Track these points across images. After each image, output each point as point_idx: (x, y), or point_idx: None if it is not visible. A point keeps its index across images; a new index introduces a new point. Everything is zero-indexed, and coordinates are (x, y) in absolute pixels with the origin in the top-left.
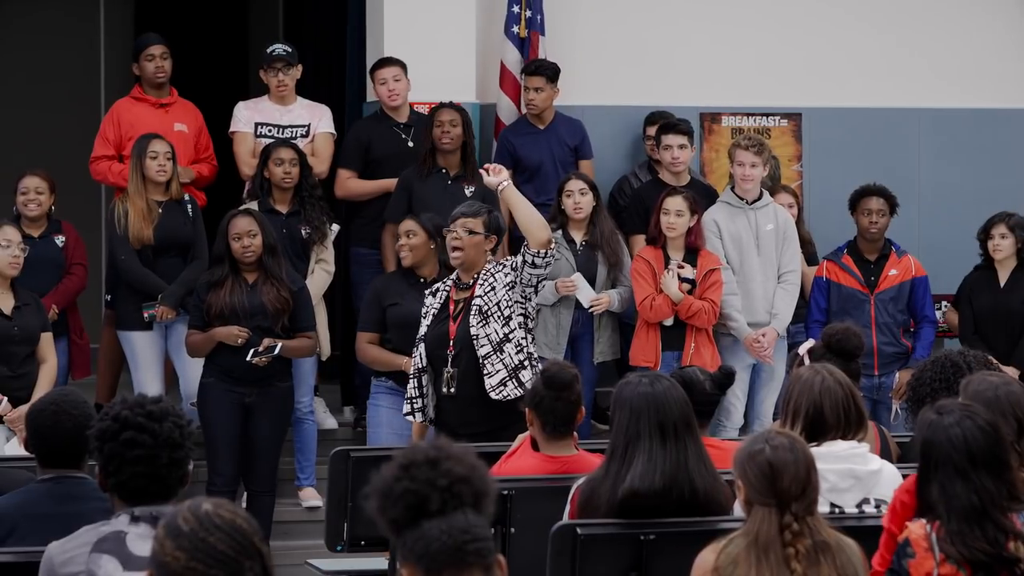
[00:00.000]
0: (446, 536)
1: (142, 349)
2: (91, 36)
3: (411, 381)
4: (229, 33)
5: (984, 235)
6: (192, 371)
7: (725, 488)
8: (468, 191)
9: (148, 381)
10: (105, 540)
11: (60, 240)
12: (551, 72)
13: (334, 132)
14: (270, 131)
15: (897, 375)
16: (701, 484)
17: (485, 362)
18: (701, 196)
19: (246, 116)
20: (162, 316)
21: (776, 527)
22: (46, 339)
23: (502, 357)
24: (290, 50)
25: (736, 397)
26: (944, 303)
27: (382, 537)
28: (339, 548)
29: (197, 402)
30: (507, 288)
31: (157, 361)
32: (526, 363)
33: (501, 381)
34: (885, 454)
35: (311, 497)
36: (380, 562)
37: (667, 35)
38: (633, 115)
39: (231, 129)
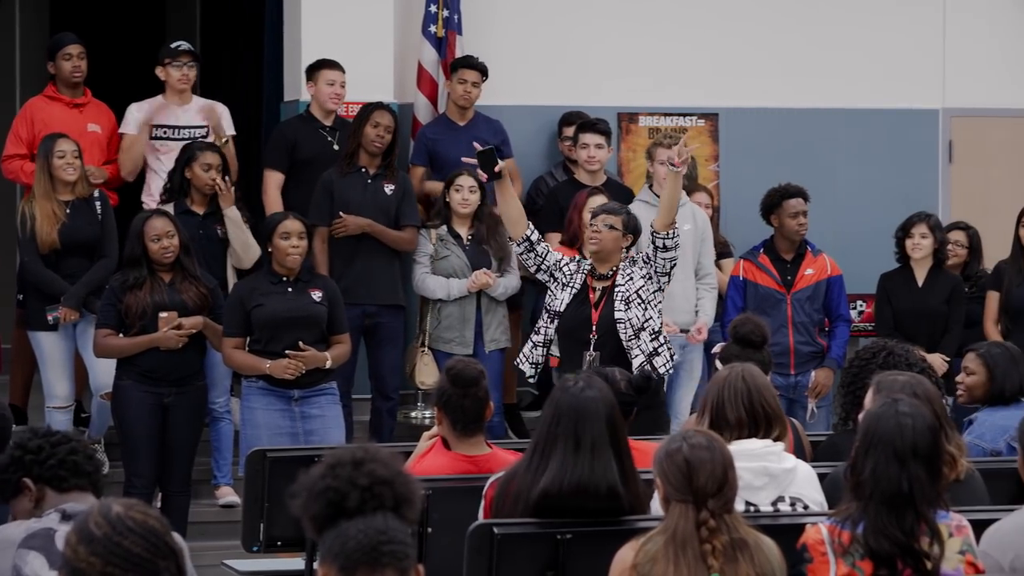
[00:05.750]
0: (362, 535)
1: (50, 349)
2: (6, 34)
3: (537, 349)
4: (145, 34)
5: (903, 234)
6: (101, 364)
7: (644, 496)
8: (388, 189)
9: (57, 381)
10: (34, 536)
11: None
12: (484, 69)
13: (234, 132)
14: (166, 132)
15: (813, 374)
16: (628, 491)
17: (629, 344)
18: (617, 196)
19: (136, 118)
20: (65, 318)
21: (693, 524)
22: None
23: (639, 343)
24: (193, 48)
25: None
26: (859, 302)
27: (298, 537)
28: (255, 548)
29: (113, 404)
30: (644, 279)
31: (66, 361)
32: (660, 349)
33: (640, 364)
34: (799, 452)
35: (227, 495)
36: (296, 563)
37: (585, 35)
38: (550, 115)
39: (120, 130)
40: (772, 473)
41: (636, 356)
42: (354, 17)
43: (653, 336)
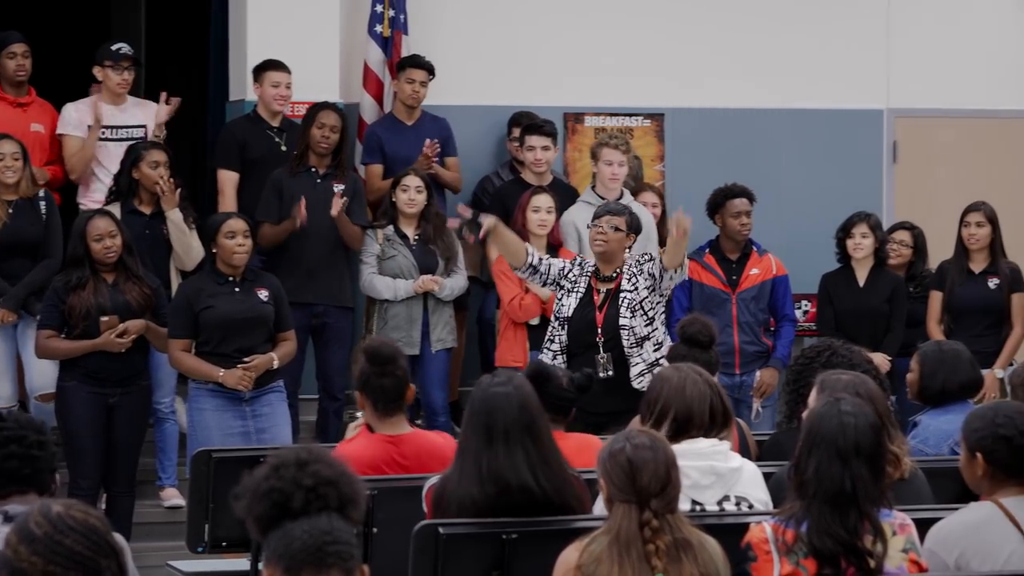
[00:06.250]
0: (307, 536)
1: None
2: None
3: (557, 358)
4: (89, 34)
5: (843, 234)
6: (39, 365)
7: (577, 489)
8: (337, 188)
9: None
10: None
11: None
12: (431, 67)
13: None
14: (104, 133)
15: (758, 374)
16: (542, 486)
17: (631, 351)
18: (563, 196)
19: (76, 118)
20: (3, 319)
21: (636, 524)
22: None
23: (641, 352)
24: (133, 52)
25: None
26: (804, 301)
27: (243, 538)
28: (200, 549)
29: (57, 405)
30: (648, 291)
31: (7, 361)
32: (661, 361)
33: (640, 373)
34: (745, 452)
35: (172, 497)
36: (242, 563)
37: (530, 35)
38: (497, 115)
39: (58, 131)
40: (719, 472)
41: (636, 364)
42: (299, 17)
43: (656, 347)
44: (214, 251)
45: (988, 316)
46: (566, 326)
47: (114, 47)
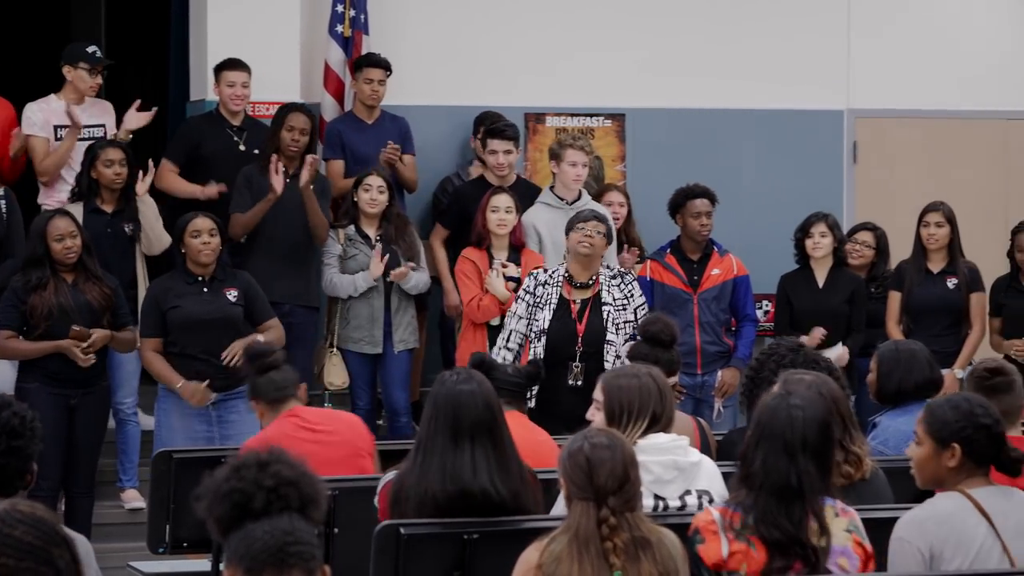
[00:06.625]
0: (268, 536)
1: None
2: None
3: (518, 338)
4: (49, 33)
5: (802, 234)
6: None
7: (533, 490)
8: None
9: None
10: None
11: None
12: (388, 65)
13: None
14: (67, 133)
15: (720, 373)
16: (500, 492)
17: (613, 364)
18: (525, 195)
19: (42, 119)
20: None
21: (594, 522)
22: None
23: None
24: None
25: None
26: (765, 302)
27: (204, 539)
28: (161, 550)
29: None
30: (634, 312)
31: None
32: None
33: None
34: (705, 451)
35: (134, 499)
36: (203, 564)
37: (491, 36)
38: (458, 115)
39: (24, 131)
40: (680, 467)
41: None
42: (260, 17)
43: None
44: (183, 251)
45: (947, 316)
46: (543, 338)
47: (89, 49)
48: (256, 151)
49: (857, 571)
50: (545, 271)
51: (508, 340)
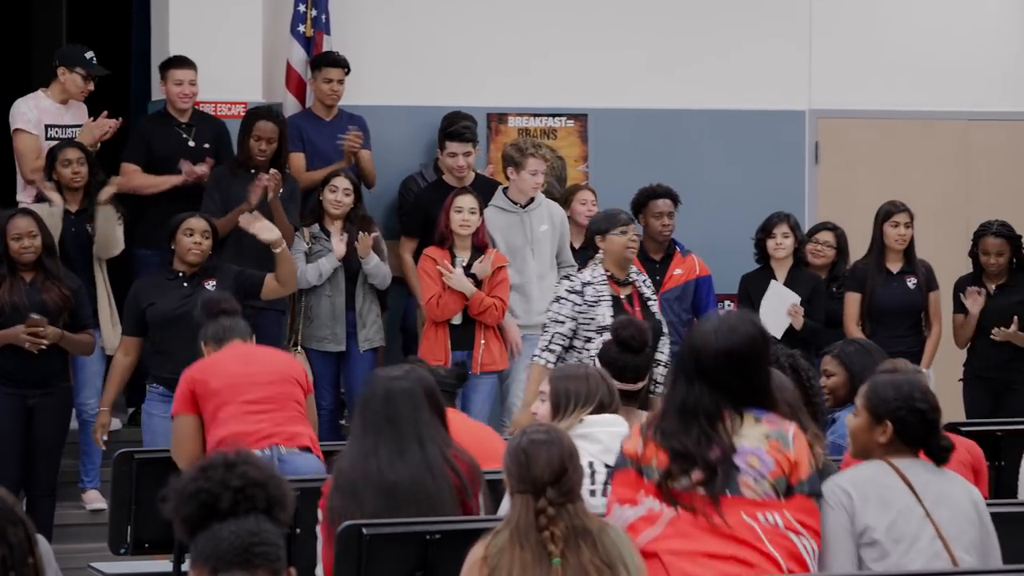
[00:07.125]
0: (234, 537)
1: None
2: None
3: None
4: (10, 34)
5: (763, 235)
6: None
7: (451, 485)
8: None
9: None
10: None
11: None
12: (346, 63)
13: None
14: (57, 133)
15: None
16: (439, 484)
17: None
18: (485, 191)
19: (35, 117)
20: None
21: (533, 513)
22: None
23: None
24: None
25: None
26: (727, 302)
27: (166, 539)
28: (123, 551)
29: None
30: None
31: None
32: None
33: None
34: None
35: (95, 500)
36: (164, 565)
37: (453, 35)
38: (420, 115)
39: (16, 126)
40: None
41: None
42: (222, 17)
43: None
44: (172, 247)
45: (909, 316)
46: (603, 334)
47: (87, 55)
48: (206, 145)
49: (771, 475)
50: (579, 272)
51: (551, 342)
